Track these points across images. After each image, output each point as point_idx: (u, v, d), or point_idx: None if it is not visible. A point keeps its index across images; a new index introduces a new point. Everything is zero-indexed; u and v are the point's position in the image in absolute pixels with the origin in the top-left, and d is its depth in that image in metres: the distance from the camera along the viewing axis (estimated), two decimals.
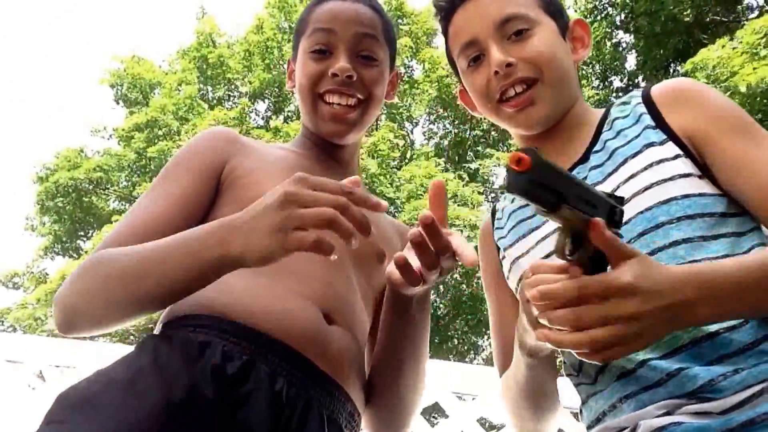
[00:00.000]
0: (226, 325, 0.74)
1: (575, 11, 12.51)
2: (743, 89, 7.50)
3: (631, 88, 12.63)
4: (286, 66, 1.05)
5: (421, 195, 10.71)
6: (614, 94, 12.63)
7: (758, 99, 7.73)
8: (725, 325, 0.76)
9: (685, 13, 10.05)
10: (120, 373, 0.69)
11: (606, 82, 12.84)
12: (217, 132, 0.92)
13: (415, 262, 0.75)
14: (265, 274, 0.76)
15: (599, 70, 12.76)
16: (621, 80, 12.98)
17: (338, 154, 1.00)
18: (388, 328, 0.89)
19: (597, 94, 12.21)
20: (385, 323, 0.90)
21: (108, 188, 13.16)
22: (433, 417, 8.92)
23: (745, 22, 9.01)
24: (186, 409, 0.65)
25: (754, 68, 7.42)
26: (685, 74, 8.62)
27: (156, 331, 0.81)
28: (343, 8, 0.92)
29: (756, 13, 10.26)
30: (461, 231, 10.09)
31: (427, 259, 0.73)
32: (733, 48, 7.98)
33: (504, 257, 1.04)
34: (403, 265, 0.74)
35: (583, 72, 12.53)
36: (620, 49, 12.45)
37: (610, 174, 0.90)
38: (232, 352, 0.71)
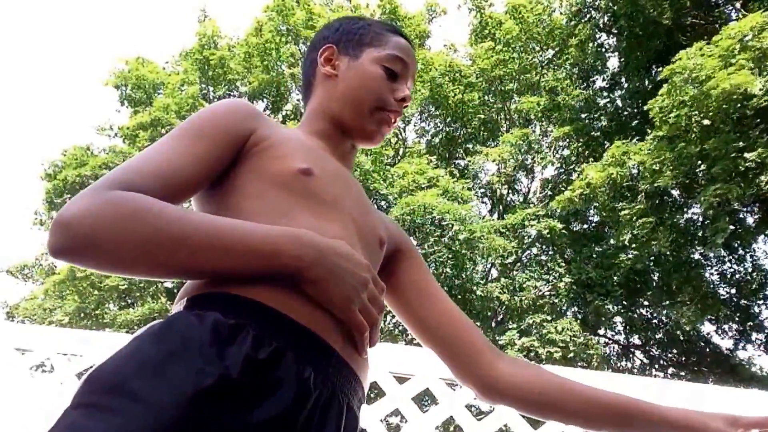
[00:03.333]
0: (258, 309, 0.72)
1: (560, 14, 12.89)
2: (716, 93, 7.71)
3: (613, 88, 13.00)
4: (321, 50, 1.07)
5: (413, 191, 10.95)
6: (597, 94, 12.96)
7: (731, 104, 7.94)
8: None
9: (664, 16, 10.31)
10: (151, 354, 0.65)
11: (589, 83, 13.16)
12: (242, 103, 0.92)
13: None
14: None
15: (582, 72, 13.06)
16: (603, 80, 13.27)
17: (348, 151, 1.05)
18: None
19: (581, 94, 12.53)
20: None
21: None
22: (424, 403, 9.29)
23: (724, 26, 9.26)
24: (216, 395, 0.63)
25: (729, 74, 7.63)
26: (664, 80, 8.82)
27: (181, 303, 0.78)
28: (411, 49, 1.08)
29: (735, 16, 10.48)
30: (451, 225, 10.48)
31: None
32: (710, 54, 8.15)
33: None
34: None
35: (567, 73, 12.90)
36: (603, 50, 12.76)
37: None
38: (263, 338, 0.69)
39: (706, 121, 8.30)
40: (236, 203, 0.84)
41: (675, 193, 10.51)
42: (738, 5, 10.42)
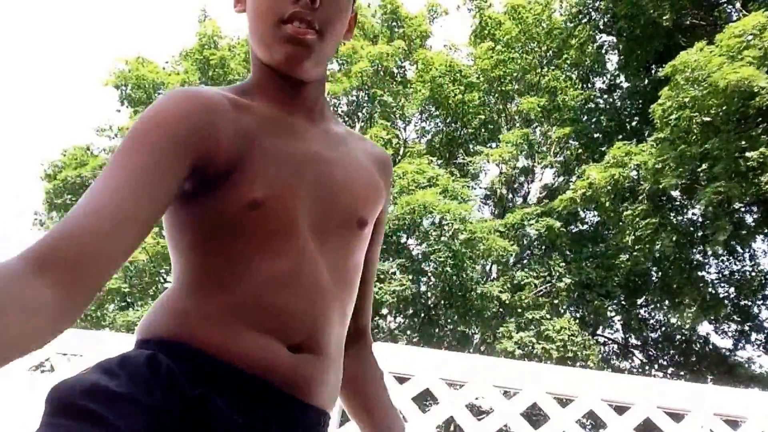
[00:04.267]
0: (188, 353, 0.72)
1: (560, 14, 12.89)
2: (722, 85, 7.69)
3: (613, 88, 13.01)
4: None
5: (413, 190, 10.96)
6: (597, 94, 12.97)
7: (735, 99, 7.96)
8: None
9: (664, 17, 10.32)
10: (111, 385, 0.66)
11: (589, 83, 13.17)
12: (193, 102, 0.76)
13: None
14: (238, 310, 0.75)
15: (582, 72, 13.08)
16: (603, 81, 13.28)
17: (304, 98, 0.87)
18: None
19: (580, 94, 12.54)
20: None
21: None
22: (425, 403, 9.31)
23: (725, 26, 9.26)
24: (168, 428, 0.65)
25: (734, 70, 7.61)
26: (666, 77, 8.84)
27: (139, 341, 0.79)
28: None
29: (735, 16, 10.49)
30: (451, 223, 10.49)
31: None
32: (711, 51, 8.16)
33: None
34: None
35: (567, 74, 12.91)
36: (603, 51, 12.77)
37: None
38: (192, 381, 0.70)
39: (707, 118, 8.31)
40: (188, 257, 0.79)
41: (676, 193, 10.51)
42: (738, 5, 10.44)
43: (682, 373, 12.66)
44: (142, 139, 0.71)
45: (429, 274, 11.41)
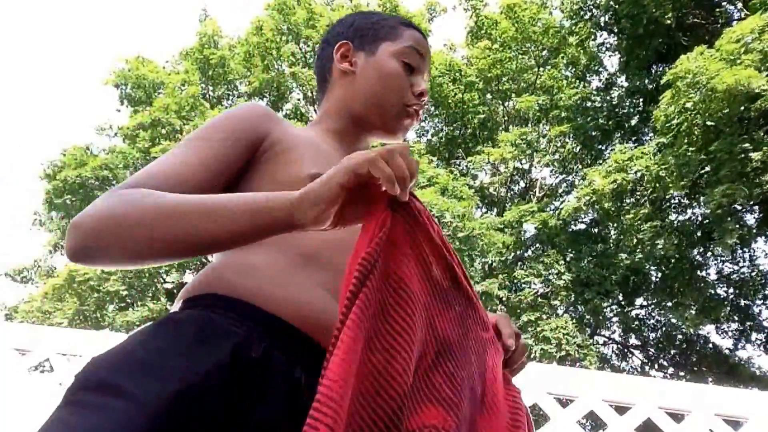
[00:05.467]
0: (247, 309, 0.73)
1: (561, 12, 12.88)
2: (720, 89, 7.68)
3: (611, 87, 13.00)
4: (337, 46, 1.06)
5: (413, 190, 11.00)
6: (594, 93, 12.95)
7: (734, 106, 7.90)
8: None
9: (666, 16, 10.30)
10: (139, 352, 0.66)
11: (586, 81, 13.16)
12: (257, 106, 0.92)
13: None
14: (291, 260, 0.79)
15: (581, 71, 13.07)
16: (600, 80, 13.26)
17: (359, 146, 1.04)
18: None
19: (579, 93, 12.54)
20: None
21: (114, 185, 13.40)
22: None
23: (726, 26, 9.22)
24: (203, 395, 0.62)
25: (734, 74, 7.58)
26: (667, 84, 8.78)
27: (177, 306, 0.79)
28: (425, 41, 1.07)
29: (737, 15, 10.48)
30: (450, 222, 10.49)
31: None
32: (711, 56, 8.13)
33: None
34: None
35: (567, 73, 12.90)
36: (604, 49, 12.76)
37: None
38: (251, 338, 0.69)
39: (710, 123, 8.29)
40: None
41: (678, 195, 10.51)
42: (739, 5, 10.43)
43: (682, 373, 12.65)
44: (210, 128, 0.88)
45: None
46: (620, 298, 11.94)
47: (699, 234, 10.63)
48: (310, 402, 0.67)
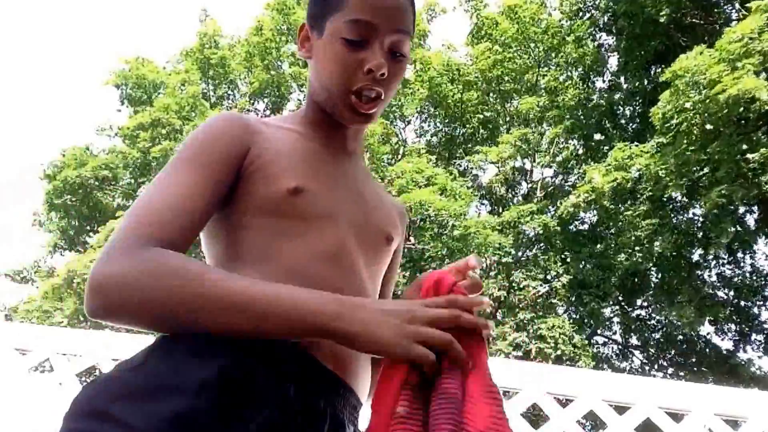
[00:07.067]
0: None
1: (561, 12, 12.89)
2: (722, 99, 7.61)
3: (612, 88, 13.00)
4: (298, 31, 0.97)
5: (411, 189, 10.98)
6: (596, 94, 12.95)
7: (734, 108, 7.83)
8: None
9: (663, 14, 10.27)
10: (130, 379, 0.67)
11: (588, 82, 13.15)
12: (232, 117, 0.87)
13: None
14: (278, 278, 0.76)
15: (581, 71, 13.06)
16: (602, 81, 13.26)
17: (346, 138, 0.96)
18: None
19: (579, 93, 12.53)
20: None
21: (114, 185, 13.41)
22: None
23: (724, 26, 9.20)
24: (195, 418, 0.62)
25: (735, 79, 7.53)
26: (666, 83, 8.76)
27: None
28: (386, 1, 0.87)
29: (735, 15, 10.46)
30: (448, 221, 10.50)
31: None
32: (710, 56, 8.09)
33: None
34: None
35: (568, 74, 12.90)
36: (603, 50, 12.76)
37: None
38: (239, 357, 0.69)
39: (709, 126, 8.27)
40: (227, 234, 0.84)
41: (677, 194, 10.50)
42: (737, 5, 10.42)
43: (682, 373, 12.65)
44: (190, 153, 0.83)
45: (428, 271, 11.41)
46: (620, 298, 11.95)
47: (699, 234, 10.63)
48: (301, 413, 0.71)
